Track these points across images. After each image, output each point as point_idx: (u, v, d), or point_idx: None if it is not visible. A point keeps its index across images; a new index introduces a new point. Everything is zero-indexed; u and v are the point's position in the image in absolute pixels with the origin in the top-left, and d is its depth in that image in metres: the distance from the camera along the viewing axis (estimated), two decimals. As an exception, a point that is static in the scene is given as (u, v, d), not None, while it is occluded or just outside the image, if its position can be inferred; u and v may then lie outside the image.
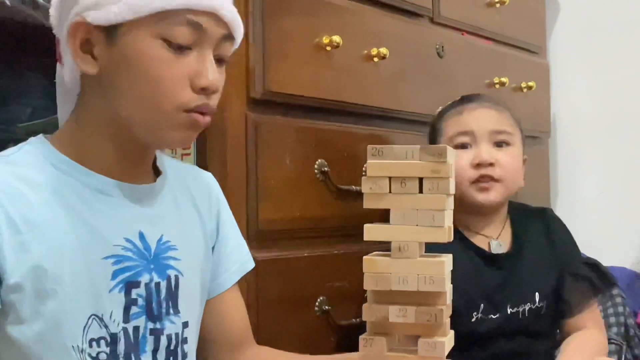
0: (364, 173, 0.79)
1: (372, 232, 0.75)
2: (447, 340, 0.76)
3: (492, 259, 1.37)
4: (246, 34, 1.24)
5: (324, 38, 1.36)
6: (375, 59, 1.47)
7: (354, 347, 0.83)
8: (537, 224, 1.44)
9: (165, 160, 1.03)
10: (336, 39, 1.36)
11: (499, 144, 1.38)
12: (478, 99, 1.44)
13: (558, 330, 1.42)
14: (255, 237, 1.25)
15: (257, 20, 1.26)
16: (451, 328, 1.26)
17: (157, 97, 0.87)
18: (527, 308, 1.35)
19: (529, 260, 1.38)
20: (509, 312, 1.34)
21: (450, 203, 0.76)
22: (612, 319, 1.62)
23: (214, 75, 0.89)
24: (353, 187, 1.39)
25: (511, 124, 1.41)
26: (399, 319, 0.75)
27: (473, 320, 1.32)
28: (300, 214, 1.34)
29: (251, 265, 1.12)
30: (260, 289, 1.24)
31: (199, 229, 1.03)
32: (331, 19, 1.40)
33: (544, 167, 2.18)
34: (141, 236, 0.93)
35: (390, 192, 0.75)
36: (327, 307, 1.35)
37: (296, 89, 1.33)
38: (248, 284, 1.21)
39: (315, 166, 1.36)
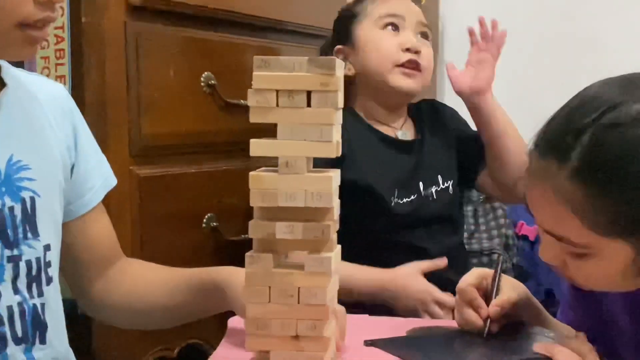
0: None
1: (258, 147, 0.73)
2: (334, 255, 0.76)
3: (402, 145, 1.41)
4: None
5: (209, -58, 1.29)
6: (265, -34, 1.42)
7: (243, 263, 0.82)
8: (430, 113, 1.49)
9: (12, 71, 0.94)
10: (222, -57, 1.29)
11: (422, 37, 1.41)
12: None
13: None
14: (138, 152, 1.20)
15: None
16: (372, 214, 1.33)
17: None
18: (434, 190, 1.39)
19: (431, 145, 1.44)
20: (422, 194, 1.38)
21: (338, 117, 0.75)
22: (495, 232, 1.69)
23: None
24: (242, 101, 1.35)
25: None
26: (286, 236, 0.73)
27: (392, 205, 1.35)
28: (187, 129, 1.29)
29: (114, 181, 1.06)
30: (144, 207, 1.21)
31: (54, 145, 0.95)
32: None
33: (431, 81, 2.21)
34: None
35: (277, 105, 0.72)
36: (215, 223, 1.34)
37: (180, -4, 1.26)
38: (131, 201, 1.17)
39: (202, 79, 1.31)
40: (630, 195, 0.76)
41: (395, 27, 1.39)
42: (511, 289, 0.97)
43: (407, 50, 1.37)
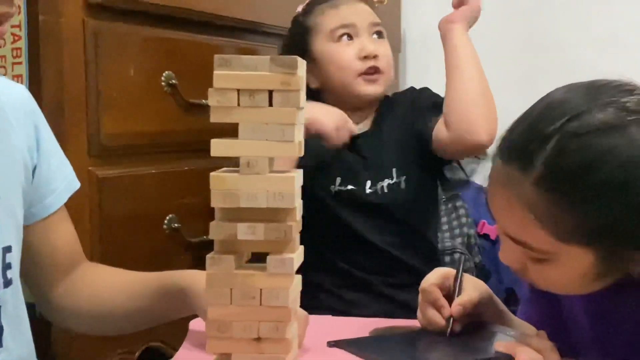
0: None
1: (219, 147, 0.72)
2: (296, 256, 0.75)
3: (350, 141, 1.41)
4: None
5: (170, -60, 1.27)
6: (228, -36, 1.41)
7: (204, 265, 0.81)
8: (403, 103, 1.48)
9: None
10: (184, -59, 1.28)
11: (377, 36, 1.43)
12: None
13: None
14: (97, 153, 1.19)
15: None
16: (316, 201, 1.33)
17: None
18: (385, 184, 1.40)
19: (387, 138, 1.44)
20: (367, 191, 1.39)
21: (300, 117, 0.74)
22: (457, 231, 1.70)
23: None
24: (204, 101, 1.34)
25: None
26: (248, 237, 0.72)
27: (333, 193, 1.38)
28: (148, 129, 1.28)
29: (77, 184, 1.05)
30: (103, 208, 1.19)
31: (15, 146, 0.94)
32: None
33: (394, 83, 2.21)
34: None
35: (238, 105, 0.71)
36: (176, 224, 1.32)
37: (140, -6, 1.24)
38: (90, 202, 1.15)
39: (162, 78, 1.29)
40: (593, 204, 0.77)
41: (350, 37, 1.41)
42: (473, 288, 0.98)
43: (365, 57, 1.39)
